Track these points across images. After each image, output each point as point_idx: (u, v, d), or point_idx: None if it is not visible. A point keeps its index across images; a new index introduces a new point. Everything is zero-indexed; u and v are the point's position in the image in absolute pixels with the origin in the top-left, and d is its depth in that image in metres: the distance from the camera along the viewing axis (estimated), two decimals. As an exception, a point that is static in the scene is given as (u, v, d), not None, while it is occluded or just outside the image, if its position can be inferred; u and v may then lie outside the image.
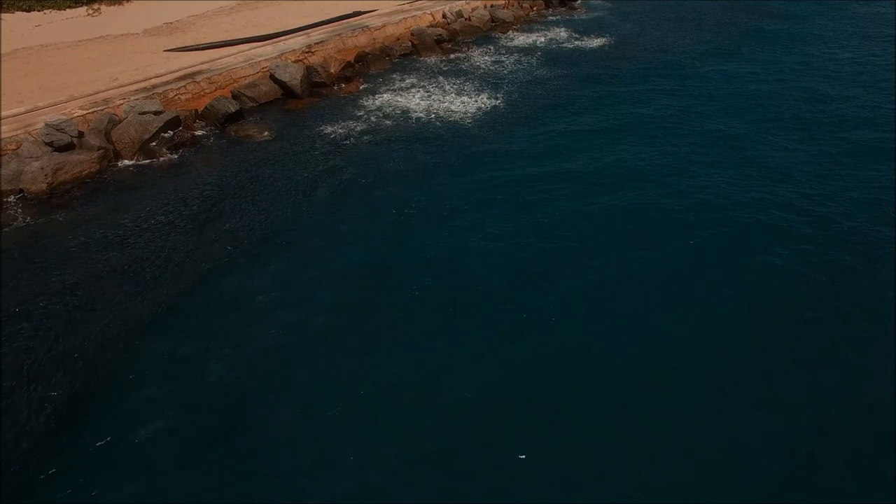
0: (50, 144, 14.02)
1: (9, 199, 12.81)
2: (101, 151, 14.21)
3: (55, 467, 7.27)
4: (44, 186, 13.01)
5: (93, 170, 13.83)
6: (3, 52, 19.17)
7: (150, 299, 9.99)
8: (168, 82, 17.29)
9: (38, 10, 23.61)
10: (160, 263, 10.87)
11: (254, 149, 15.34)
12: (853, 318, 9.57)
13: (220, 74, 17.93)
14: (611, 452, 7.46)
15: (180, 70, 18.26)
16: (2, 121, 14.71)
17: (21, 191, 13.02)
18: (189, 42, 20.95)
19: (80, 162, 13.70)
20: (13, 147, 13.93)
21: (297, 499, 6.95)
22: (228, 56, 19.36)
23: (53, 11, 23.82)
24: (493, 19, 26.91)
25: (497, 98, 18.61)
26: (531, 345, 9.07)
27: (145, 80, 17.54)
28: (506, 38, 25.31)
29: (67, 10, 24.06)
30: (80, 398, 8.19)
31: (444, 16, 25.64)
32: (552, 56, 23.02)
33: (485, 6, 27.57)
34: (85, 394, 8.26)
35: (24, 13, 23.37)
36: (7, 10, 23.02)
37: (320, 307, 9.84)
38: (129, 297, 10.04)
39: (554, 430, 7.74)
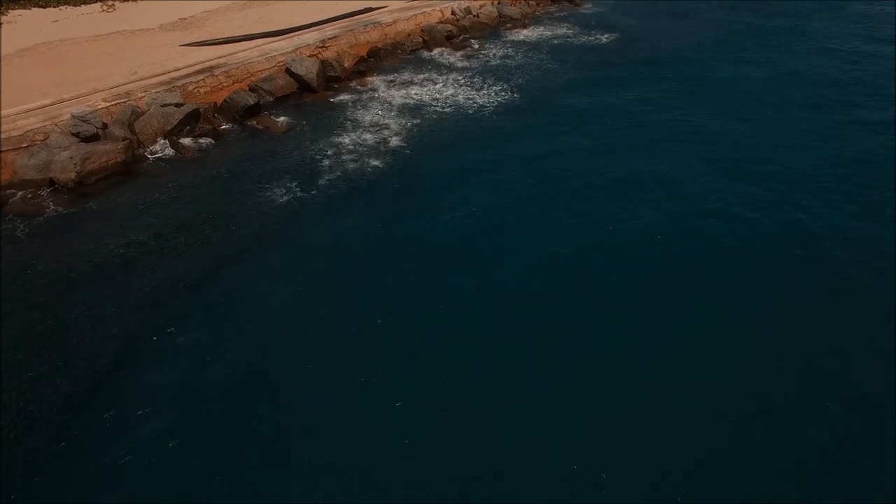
0: (77, 135, 14.41)
1: (41, 192, 13.22)
2: (125, 142, 14.60)
3: (58, 459, 7.46)
4: (73, 175, 13.39)
5: (118, 160, 14.19)
6: (23, 46, 19.55)
7: (167, 288, 10.29)
8: (187, 76, 17.68)
9: (54, 6, 23.98)
10: (180, 252, 11.20)
11: (272, 140, 15.75)
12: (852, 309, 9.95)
13: (237, 68, 18.32)
14: (618, 445, 7.66)
15: (198, 64, 18.65)
16: (29, 112, 15.12)
17: (51, 180, 13.42)
18: (204, 37, 21.32)
19: (107, 152, 14.08)
20: (41, 138, 14.31)
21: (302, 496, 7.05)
22: (244, 51, 19.76)
23: (69, 7, 24.20)
24: (500, 16, 27.30)
25: (507, 90, 19.08)
26: (537, 333, 9.39)
27: (164, 73, 17.93)
28: (514, 33, 25.70)
29: (82, 5, 24.44)
30: (88, 384, 8.45)
31: (453, 12, 26.03)
32: (560, 50, 23.47)
33: (492, 3, 27.96)
34: (92, 381, 8.51)
35: (41, 9, 23.75)
36: (24, 7, 23.40)
37: (327, 297, 10.16)
38: (143, 286, 10.32)
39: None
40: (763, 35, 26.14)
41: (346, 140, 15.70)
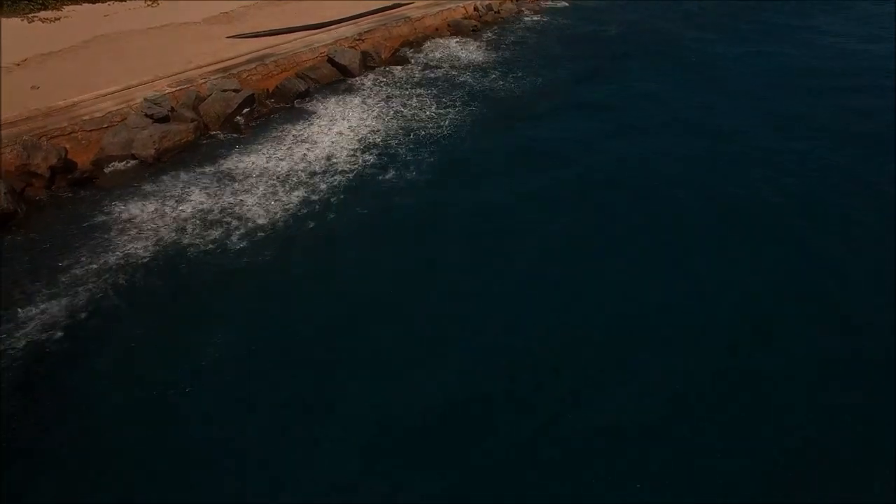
0: (150, 116, 15.96)
1: (126, 165, 14.84)
2: (194, 123, 16.16)
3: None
4: (152, 152, 14.96)
5: (189, 138, 15.77)
6: (86, 38, 21.12)
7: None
8: (239, 64, 19.22)
9: (103, 2, 25.52)
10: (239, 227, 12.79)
11: (321, 120, 17.39)
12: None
13: (285, 58, 19.87)
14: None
15: (247, 54, 20.18)
16: (104, 97, 16.67)
17: (132, 155, 14.99)
18: (246, 30, 22.83)
19: (180, 131, 15.66)
20: (119, 119, 15.85)
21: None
22: (289, 42, 21.30)
23: (116, 3, 25.73)
24: (519, 11, 28.87)
25: (529, 74, 21.28)
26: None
27: (218, 62, 19.46)
28: (533, 26, 27.41)
29: (128, 1, 25.98)
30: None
31: (475, 9, 27.58)
32: (575, 39, 25.63)
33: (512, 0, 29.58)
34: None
35: (90, 4, 25.29)
36: (76, 3, 24.94)
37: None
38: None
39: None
40: (768, 29, 27.67)
41: (392, 113, 17.69)
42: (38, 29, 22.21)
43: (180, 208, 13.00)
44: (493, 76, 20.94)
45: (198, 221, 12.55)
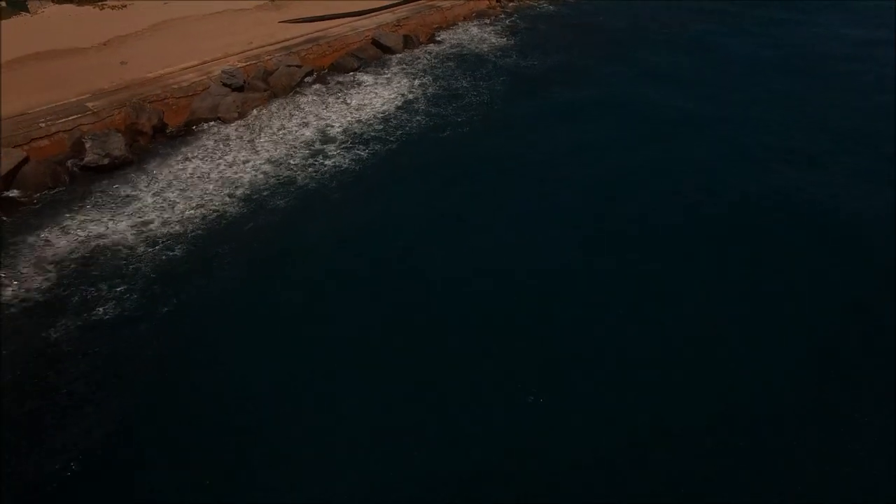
0: (228, 86, 18.42)
1: (214, 125, 17.35)
2: (266, 92, 18.63)
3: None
4: (235, 115, 17.44)
5: (264, 105, 18.21)
6: (154, 23, 23.56)
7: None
8: (297, 45, 21.68)
9: (159, -9, 27.96)
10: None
11: (374, 88, 19.94)
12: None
13: (336, 40, 22.33)
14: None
15: (300, 36, 22.63)
16: (185, 70, 19.12)
17: (218, 118, 17.44)
18: (293, 16, 25.23)
19: (255, 98, 18.14)
20: (201, 89, 18.31)
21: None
22: (337, 26, 23.74)
23: (171, -8, 28.15)
24: (539, 1, 31.31)
25: (546, 53, 24.14)
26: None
27: (276, 43, 21.91)
28: (549, 14, 29.85)
29: (183, -9, 28.39)
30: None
31: (498, 0, 30.04)
32: (588, 27, 28.23)
33: (532, -9, 31.98)
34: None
35: (148, -5, 27.75)
36: (138, -7, 27.42)
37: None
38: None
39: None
40: (769, 25, 30.05)
41: (432, 82, 20.64)
42: (110, 15, 24.66)
43: (257, 157, 15.71)
44: (515, 56, 23.66)
45: (278, 164, 15.20)
